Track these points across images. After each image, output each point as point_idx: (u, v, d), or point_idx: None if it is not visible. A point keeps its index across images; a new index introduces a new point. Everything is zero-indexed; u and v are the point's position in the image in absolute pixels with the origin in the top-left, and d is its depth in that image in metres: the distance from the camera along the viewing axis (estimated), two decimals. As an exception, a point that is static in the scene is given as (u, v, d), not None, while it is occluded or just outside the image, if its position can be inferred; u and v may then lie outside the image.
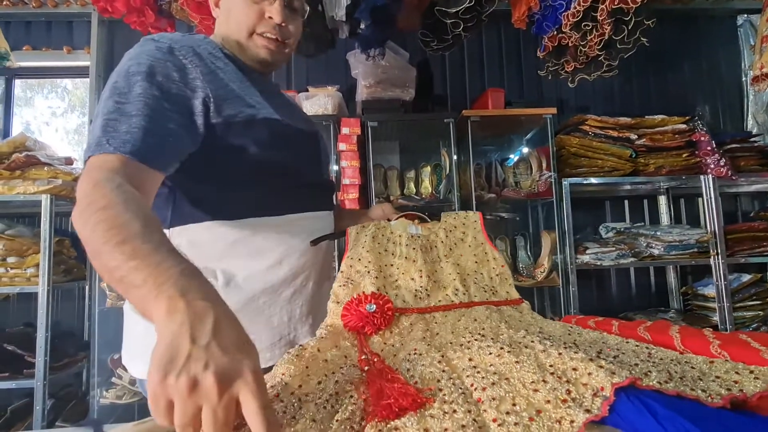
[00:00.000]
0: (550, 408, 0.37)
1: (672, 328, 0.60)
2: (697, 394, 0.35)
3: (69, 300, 2.47)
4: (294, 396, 0.49)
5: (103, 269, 0.49)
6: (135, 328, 0.79)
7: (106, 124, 0.63)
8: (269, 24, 0.82)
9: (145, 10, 1.75)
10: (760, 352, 0.47)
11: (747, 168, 2.38)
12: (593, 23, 1.61)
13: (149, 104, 0.66)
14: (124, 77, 0.67)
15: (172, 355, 0.39)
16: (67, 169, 2.23)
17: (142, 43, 0.73)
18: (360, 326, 0.62)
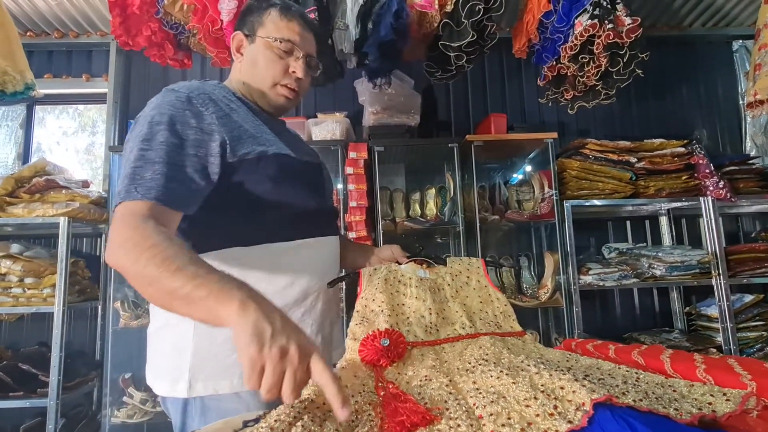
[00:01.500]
0: (539, 420, 0.43)
1: (664, 353, 0.65)
2: (667, 411, 0.40)
3: (82, 320, 2.52)
4: (319, 410, 0.55)
5: (162, 292, 0.61)
6: (161, 347, 0.84)
7: (134, 172, 0.71)
8: (291, 78, 0.92)
9: (165, 45, 1.86)
10: (740, 377, 0.52)
11: (746, 190, 2.43)
12: (590, 56, 1.69)
13: (170, 152, 0.73)
14: (148, 126, 0.75)
15: (260, 335, 0.53)
16: (84, 192, 2.31)
17: (163, 94, 0.80)
18: (376, 359, 0.67)
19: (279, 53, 0.90)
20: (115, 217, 0.69)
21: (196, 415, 0.79)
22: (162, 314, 0.84)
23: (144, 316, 2.19)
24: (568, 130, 2.84)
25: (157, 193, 0.70)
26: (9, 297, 2.13)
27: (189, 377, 0.78)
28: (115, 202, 0.71)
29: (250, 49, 0.92)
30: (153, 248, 0.62)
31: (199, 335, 0.80)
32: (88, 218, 2.27)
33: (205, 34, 1.72)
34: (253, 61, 0.92)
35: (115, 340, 2.19)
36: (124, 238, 0.65)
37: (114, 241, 0.66)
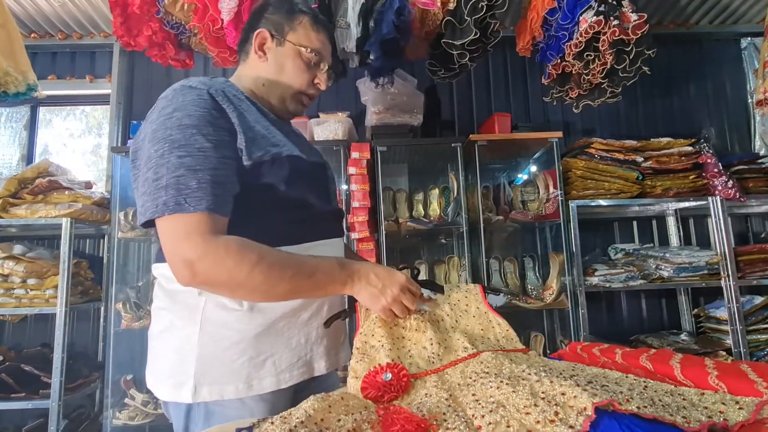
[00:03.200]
0: (540, 427, 0.41)
1: (674, 358, 0.62)
2: (674, 419, 0.38)
3: (84, 321, 2.52)
4: (316, 426, 0.53)
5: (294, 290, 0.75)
6: (164, 351, 0.82)
7: (178, 182, 0.70)
8: (314, 88, 0.93)
9: (166, 45, 1.85)
10: (755, 384, 0.49)
11: (756, 189, 2.38)
12: (595, 53, 1.66)
13: (209, 158, 0.72)
14: (179, 130, 0.72)
15: (375, 297, 0.79)
16: (87, 193, 2.30)
17: (181, 91, 0.77)
18: (379, 396, 0.65)
19: (308, 63, 0.90)
20: (173, 233, 0.70)
21: (200, 420, 0.77)
22: (166, 317, 0.83)
23: (146, 318, 2.18)
24: (573, 129, 2.81)
25: (207, 204, 0.70)
26: (12, 298, 2.13)
27: (194, 382, 0.76)
28: (161, 211, 0.69)
29: (278, 52, 0.90)
30: (262, 260, 0.71)
31: (204, 340, 0.78)
32: (90, 219, 2.27)
33: (205, 34, 1.71)
34: (279, 65, 0.90)
35: (116, 342, 2.18)
36: (219, 256, 0.69)
37: (198, 255, 0.68)
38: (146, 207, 0.71)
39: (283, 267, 0.73)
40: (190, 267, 0.68)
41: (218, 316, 0.79)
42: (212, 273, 0.69)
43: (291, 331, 0.83)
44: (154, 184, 0.70)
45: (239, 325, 0.78)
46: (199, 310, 0.79)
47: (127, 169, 2.35)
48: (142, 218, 0.73)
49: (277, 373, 0.80)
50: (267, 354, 0.80)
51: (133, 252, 2.53)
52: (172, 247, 0.70)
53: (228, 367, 0.77)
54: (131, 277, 2.48)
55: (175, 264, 0.70)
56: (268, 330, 0.80)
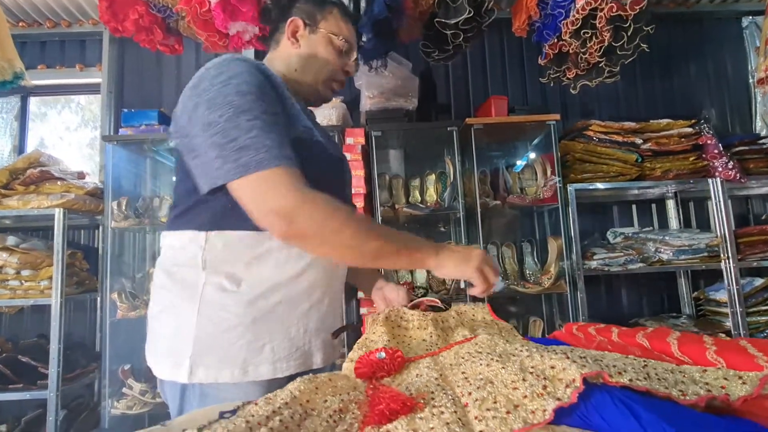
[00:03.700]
0: (527, 402, 0.40)
1: (671, 335, 0.60)
2: (669, 392, 0.36)
3: (81, 311, 2.52)
4: (301, 407, 0.51)
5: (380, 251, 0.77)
6: (163, 330, 0.83)
7: (255, 142, 0.70)
8: (343, 74, 0.97)
9: (154, 29, 1.81)
10: (755, 358, 0.47)
11: (756, 170, 2.35)
12: (592, 31, 1.62)
13: (272, 122, 0.74)
14: (238, 96, 0.73)
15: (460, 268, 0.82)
16: (80, 183, 2.28)
17: (233, 61, 0.78)
18: (371, 372, 0.64)
19: (339, 50, 0.94)
20: (262, 189, 0.70)
21: (195, 401, 0.77)
22: (165, 296, 0.83)
23: (142, 307, 2.17)
24: (572, 112, 2.77)
25: (287, 161, 0.72)
26: (6, 289, 2.12)
27: (190, 363, 0.76)
28: (237, 174, 0.70)
29: (310, 39, 0.93)
30: (352, 218, 0.74)
31: (202, 321, 0.78)
32: (84, 209, 2.24)
33: (193, 17, 1.67)
34: (312, 51, 0.93)
35: (113, 332, 2.18)
36: (313, 205, 0.71)
37: (294, 207, 0.70)
38: (224, 169, 0.71)
39: (371, 225, 0.78)
40: (287, 217, 0.70)
41: (217, 298, 0.78)
42: (308, 222, 0.71)
43: (290, 319, 0.82)
44: (229, 147, 0.70)
45: (238, 309, 0.78)
46: (198, 291, 0.78)
47: (119, 158, 2.32)
48: (217, 181, 0.72)
49: (274, 361, 0.79)
50: (265, 340, 0.79)
51: (128, 242, 2.51)
52: (263, 202, 0.70)
53: (225, 350, 0.77)
54: (127, 267, 2.46)
55: (270, 217, 0.71)
56: (267, 316, 0.80)
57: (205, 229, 0.80)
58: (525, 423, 0.37)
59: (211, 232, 0.80)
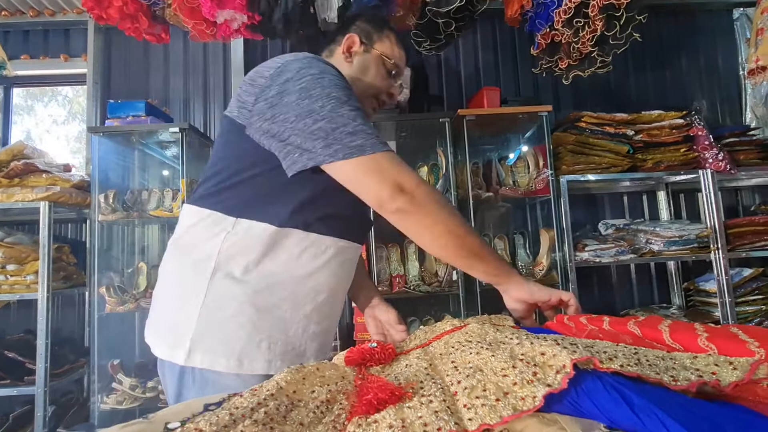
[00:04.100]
0: (517, 389, 0.39)
1: (663, 323, 0.59)
2: (660, 378, 0.35)
3: (69, 306, 2.48)
4: (287, 398, 0.50)
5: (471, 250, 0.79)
6: (165, 310, 0.85)
7: (363, 129, 0.76)
8: (388, 96, 1.02)
9: (139, 17, 1.76)
10: (746, 343, 0.47)
11: (746, 162, 2.37)
12: (585, 20, 1.60)
13: (364, 116, 0.79)
14: (336, 89, 0.79)
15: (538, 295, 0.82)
16: (66, 176, 2.24)
17: (318, 60, 0.84)
18: (360, 359, 0.63)
19: (388, 72, 0.99)
20: (381, 167, 0.75)
21: (194, 385, 0.78)
22: (175, 275, 0.84)
23: (130, 302, 2.14)
24: (564, 104, 2.76)
25: (390, 149, 0.77)
26: (-9, 284, 2.08)
27: (189, 346, 0.77)
28: (353, 154, 0.74)
29: (364, 57, 0.98)
30: (455, 209, 0.80)
31: (208, 305, 0.78)
32: (70, 202, 2.20)
33: (179, 4, 1.63)
34: (363, 68, 0.97)
35: (101, 326, 2.15)
36: (429, 187, 0.78)
37: (414, 183, 0.75)
38: (333, 149, 0.74)
39: (465, 221, 0.81)
40: (409, 193, 0.75)
41: (225, 285, 0.79)
42: (427, 200, 0.76)
43: (292, 318, 0.83)
44: (339, 132, 0.75)
45: (244, 298, 0.79)
46: (208, 275, 0.79)
47: (105, 150, 2.28)
48: (328, 159, 0.75)
49: (270, 359, 0.80)
50: (264, 335, 0.80)
51: (116, 235, 2.48)
52: (386, 181, 0.74)
53: (224, 338, 0.78)
54: (115, 261, 2.43)
55: (392, 194, 0.74)
56: (270, 311, 0.81)
57: (233, 215, 0.81)
58: (515, 410, 0.36)
59: (239, 219, 0.81)
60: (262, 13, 1.71)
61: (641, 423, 0.31)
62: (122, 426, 0.55)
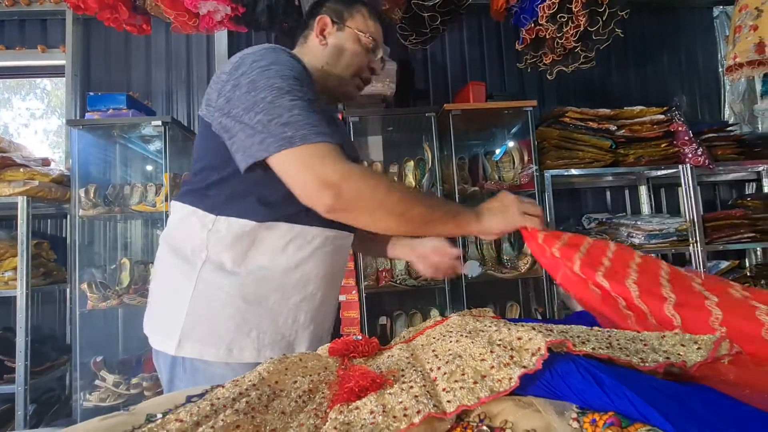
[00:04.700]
0: (494, 372, 0.40)
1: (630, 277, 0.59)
2: (629, 359, 0.36)
3: (49, 303, 2.43)
4: (269, 388, 0.51)
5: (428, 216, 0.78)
6: (160, 302, 0.87)
7: (298, 119, 0.73)
8: (369, 72, 0.99)
9: (119, 7, 1.72)
10: (710, 315, 0.48)
11: (724, 157, 2.42)
12: (568, 15, 1.62)
13: (311, 103, 0.77)
14: (281, 80, 0.76)
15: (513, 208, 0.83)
16: (44, 171, 2.19)
17: (272, 50, 0.81)
18: (344, 350, 0.64)
19: (365, 48, 0.95)
20: (308, 162, 0.72)
21: (185, 375, 0.80)
22: (167, 268, 0.86)
23: (113, 298, 2.11)
24: (549, 99, 2.79)
25: (329, 137, 0.74)
26: (-33, 281, 2.03)
27: (180, 336, 0.79)
28: (282, 146, 0.72)
29: (338, 37, 0.94)
30: (394, 186, 0.78)
31: (197, 297, 0.80)
32: (49, 197, 2.16)
33: (160, -6, 1.60)
34: (339, 49, 0.94)
35: (83, 323, 2.11)
36: (358, 175, 0.74)
37: (341, 176, 0.72)
38: (266, 143, 0.73)
39: (414, 192, 0.79)
40: (335, 188, 0.71)
41: (214, 277, 0.81)
42: (355, 193, 0.73)
43: (280, 308, 0.84)
44: (273, 123, 0.73)
45: (231, 290, 0.80)
46: (197, 269, 0.81)
47: (85, 143, 2.23)
48: (260, 155, 0.73)
49: (259, 348, 0.81)
50: (252, 325, 0.81)
51: (98, 230, 2.43)
52: (309, 174, 0.72)
53: (213, 328, 0.80)
54: (97, 256, 2.39)
55: (317, 189, 0.72)
56: (258, 302, 0.82)
57: (213, 212, 0.82)
58: (491, 391, 0.37)
59: (219, 217, 0.82)
60: (246, 4, 1.69)
61: (611, 402, 0.32)
62: (102, 418, 0.54)
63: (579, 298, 0.68)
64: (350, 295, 2.16)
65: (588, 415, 0.32)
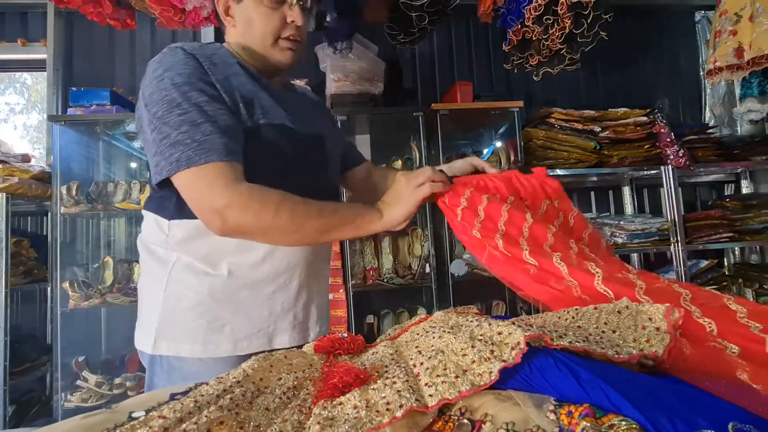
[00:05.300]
0: (475, 366, 0.41)
1: (591, 264, 0.60)
2: (604, 352, 0.37)
3: (29, 302, 2.39)
4: (254, 385, 0.51)
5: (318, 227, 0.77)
6: (142, 302, 0.88)
7: (185, 138, 0.71)
8: (292, 27, 0.87)
9: (102, 1, 1.70)
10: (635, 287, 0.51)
11: (704, 159, 2.48)
12: (554, 17, 1.65)
13: (207, 110, 0.73)
14: (173, 88, 0.74)
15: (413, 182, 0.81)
16: (24, 167, 2.15)
17: (170, 52, 0.79)
18: (329, 347, 0.64)
19: (271, 5, 0.85)
20: (194, 186, 0.71)
21: (163, 373, 0.81)
22: (145, 269, 0.88)
23: (95, 297, 2.08)
24: (535, 100, 2.82)
25: (219, 154, 0.71)
26: (-57, 280, 1.98)
27: (155, 335, 0.81)
28: (171, 171, 0.71)
29: (240, 10, 0.86)
30: (285, 204, 0.73)
31: (168, 297, 0.81)
32: (29, 194, 2.11)
33: (146, -11, 1.58)
34: (247, 22, 0.86)
35: (65, 322, 2.07)
36: (244, 201, 0.71)
37: (225, 203, 0.70)
38: (160, 166, 0.72)
39: (306, 205, 0.75)
40: (219, 215, 0.71)
41: (184, 276, 0.81)
42: (241, 219, 0.71)
43: (253, 302, 0.84)
44: (163, 143, 0.72)
45: (201, 289, 0.81)
46: (168, 268, 0.82)
47: (67, 139, 2.19)
48: (158, 177, 0.73)
49: (235, 341, 0.82)
50: (225, 320, 0.81)
51: (80, 228, 2.39)
52: (197, 200, 0.72)
53: (187, 326, 0.80)
54: (80, 255, 2.34)
55: (205, 215, 0.73)
56: (228, 298, 0.82)
57: (167, 217, 0.82)
58: (472, 385, 0.38)
59: (173, 221, 0.82)
60: (233, 1, 1.68)
61: (587, 395, 0.33)
62: (84, 416, 0.54)
63: (509, 280, 0.68)
64: (337, 293, 2.16)
65: (564, 407, 0.33)
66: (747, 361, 0.40)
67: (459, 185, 0.83)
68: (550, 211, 0.83)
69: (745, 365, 0.40)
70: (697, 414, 0.30)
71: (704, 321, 0.45)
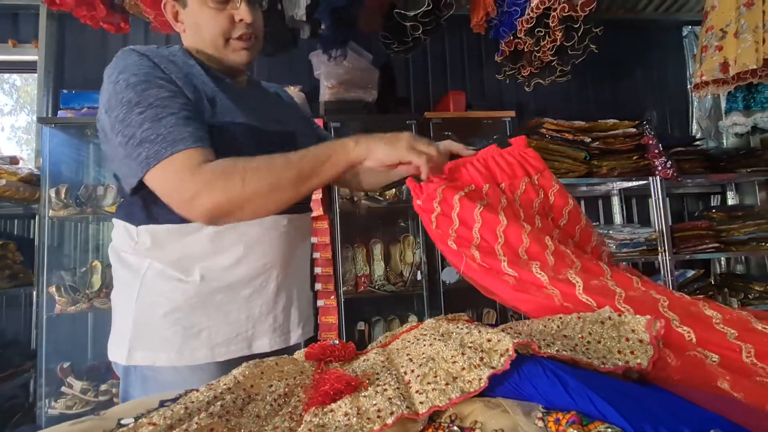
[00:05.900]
0: (465, 373, 0.41)
1: (573, 268, 0.60)
2: (590, 361, 0.38)
3: (14, 307, 2.34)
4: (244, 392, 0.51)
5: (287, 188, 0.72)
6: (115, 312, 0.85)
7: (148, 135, 0.70)
8: (242, 26, 0.84)
9: (96, 4, 1.69)
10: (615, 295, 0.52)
11: (691, 170, 2.52)
12: (546, 30, 1.68)
13: (167, 105, 0.72)
14: (129, 90, 0.72)
15: (403, 140, 0.75)
16: (12, 169, 2.12)
17: (123, 55, 0.78)
18: (321, 354, 0.64)
19: (216, 5, 0.82)
20: (165, 181, 0.70)
21: (137, 383, 0.79)
22: (117, 279, 0.85)
23: (82, 302, 2.05)
24: (527, 110, 2.86)
25: (184, 143, 0.70)
26: (-74, 283, 1.94)
27: (129, 346, 0.78)
28: (141, 170, 0.70)
29: (187, 14, 0.85)
30: (249, 168, 0.70)
31: (140, 305, 0.79)
32: (17, 197, 2.09)
33: (141, -6, 1.58)
34: (195, 26, 0.85)
35: (51, 328, 2.04)
36: (209, 181, 0.69)
37: (195, 190, 0.68)
38: (131, 169, 0.71)
39: (271, 161, 0.72)
40: (192, 205, 0.70)
41: (155, 283, 0.79)
42: (212, 200, 0.69)
43: (230, 305, 0.82)
44: (129, 145, 0.71)
45: (174, 295, 0.79)
46: (140, 276, 0.80)
47: (57, 142, 2.17)
48: (133, 181, 0.72)
49: (212, 347, 0.80)
50: (201, 326, 0.79)
51: (68, 232, 2.36)
52: (171, 195, 0.71)
53: (161, 334, 0.78)
54: (67, 259, 2.31)
55: (181, 209, 0.72)
56: (203, 302, 0.80)
57: (134, 224, 0.81)
58: (462, 392, 0.38)
59: (140, 227, 0.80)
60: (229, 7, 1.68)
61: (574, 402, 0.34)
62: (72, 423, 0.53)
63: (490, 290, 0.67)
64: (328, 300, 2.15)
65: (552, 415, 0.34)
66: (727, 370, 0.41)
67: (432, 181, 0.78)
68: (530, 191, 0.80)
69: (726, 374, 0.41)
70: (680, 422, 0.30)
71: (683, 330, 0.46)
